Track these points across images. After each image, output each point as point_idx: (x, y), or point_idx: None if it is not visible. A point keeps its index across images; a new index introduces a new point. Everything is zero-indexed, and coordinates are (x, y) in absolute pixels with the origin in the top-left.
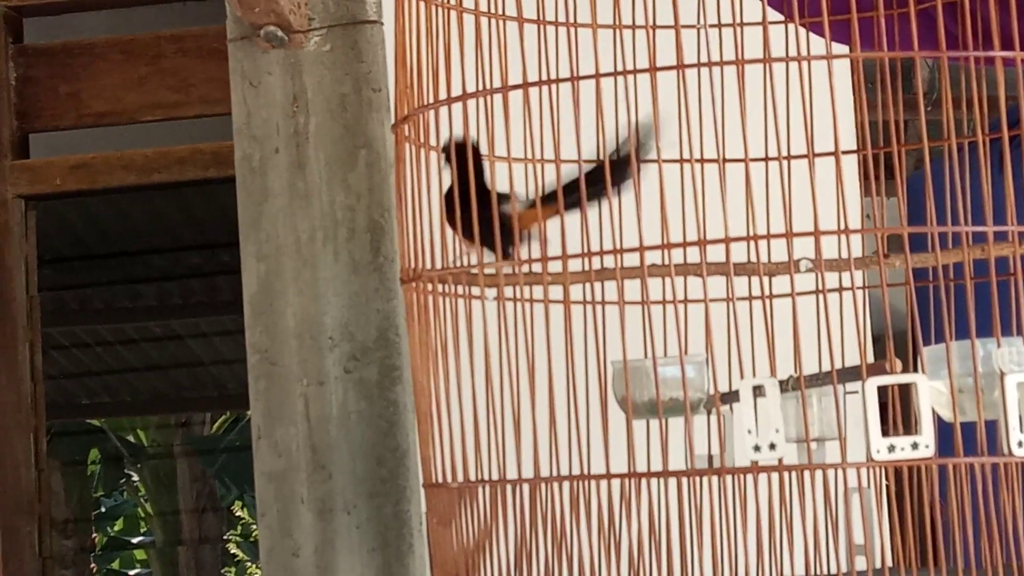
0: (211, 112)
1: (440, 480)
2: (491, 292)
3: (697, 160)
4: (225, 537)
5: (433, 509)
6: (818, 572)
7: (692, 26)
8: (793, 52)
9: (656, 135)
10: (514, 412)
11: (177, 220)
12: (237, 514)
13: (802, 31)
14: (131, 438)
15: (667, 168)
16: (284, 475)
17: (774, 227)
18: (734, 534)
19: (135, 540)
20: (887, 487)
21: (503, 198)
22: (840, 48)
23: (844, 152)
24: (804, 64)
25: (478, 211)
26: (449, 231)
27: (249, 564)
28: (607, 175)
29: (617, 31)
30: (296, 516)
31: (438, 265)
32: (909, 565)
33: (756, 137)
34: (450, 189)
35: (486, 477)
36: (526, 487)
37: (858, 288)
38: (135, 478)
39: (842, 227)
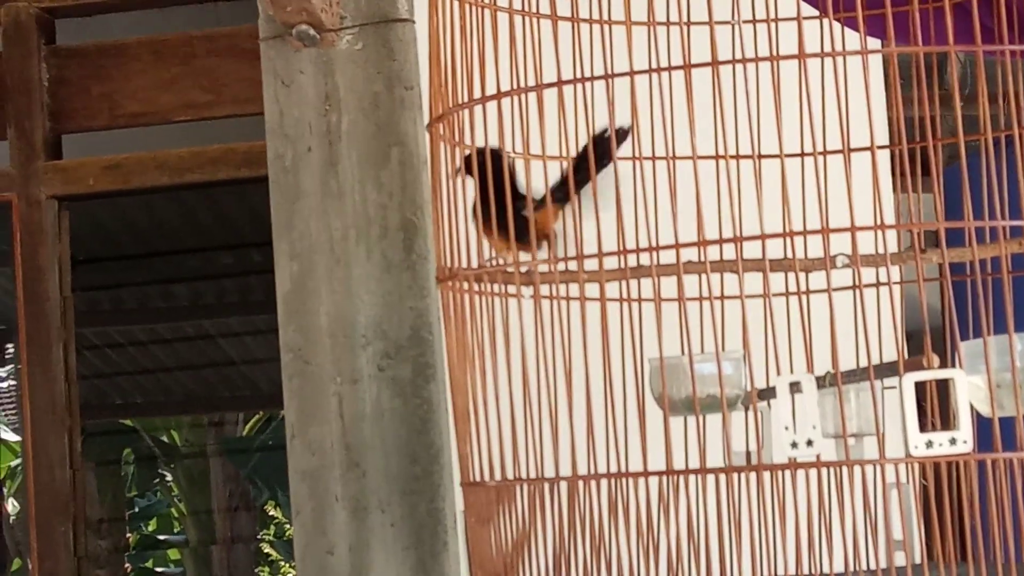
0: (243, 112)
1: (478, 479)
2: (527, 291)
3: (732, 156)
4: (258, 536)
5: (471, 508)
6: (857, 569)
7: (726, 22)
8: (827, 47)
9: (634, 133)
10: (551, 410)
11: (209, 220)
12: (271, 513)
13: (836, 26)
14: (164, 438)
15: (702, 164)
16: (318, 473)
17: (809, 223)
18: (772, 531)
19: (169, 539)
20: (923, 484)
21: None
22: (873, 42)
23: (879, 147)
24: (838, 60)
25: (509, 214)
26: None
27: (283, 563)
28: (590, 158)
29: (651, 28)
30: (330, 514)
31: (473, 264)
32: (948, 560)
33: (789, 133)
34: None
35: (523, 476)
36: (564, 485)
37: (894, 283)
38: (168, 478)
39: (877, 222)
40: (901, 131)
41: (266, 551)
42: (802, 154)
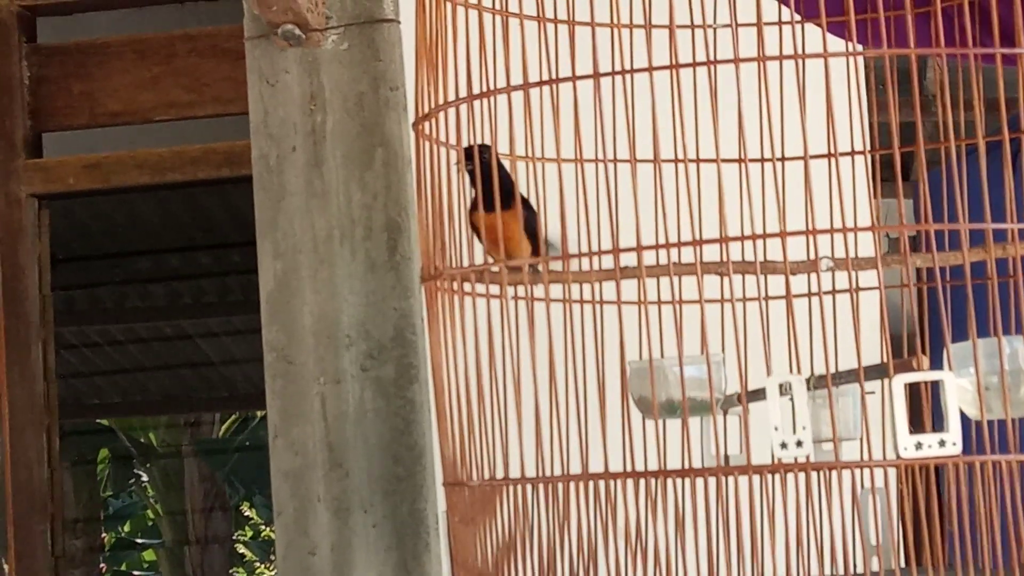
0: (224, 112)
1: (461, 479)
2: (511, 291)
3: (723, 160)
4: (234, 537)
5: (454, 508)
6: (834, 572)
7: (722, 25)
8: (814, 50)
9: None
10: (535, 410)
11: (188, 220)
12: (246, 514)
13: (817, 29)
14: (141, 438)
15: (692, 166)
16: (301, 473)
17: (791, 227)
18: (758, 533)
19: (144, 541)
20: (900, 489)
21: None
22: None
23: (862, 152)
24: (821, 64)
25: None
26: (464, 231)
27: (258, 564)
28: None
29: (648, 29)
30: (313, 515)
31: (455, 264)
32: (936, 565)
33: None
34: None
35: (507, 476)
36: (549, 486)
37: (874, 288)
38: (144, 478)
39: (855, 226)
40: (893, 134)
41: (241, 552)
42: (781, 158)
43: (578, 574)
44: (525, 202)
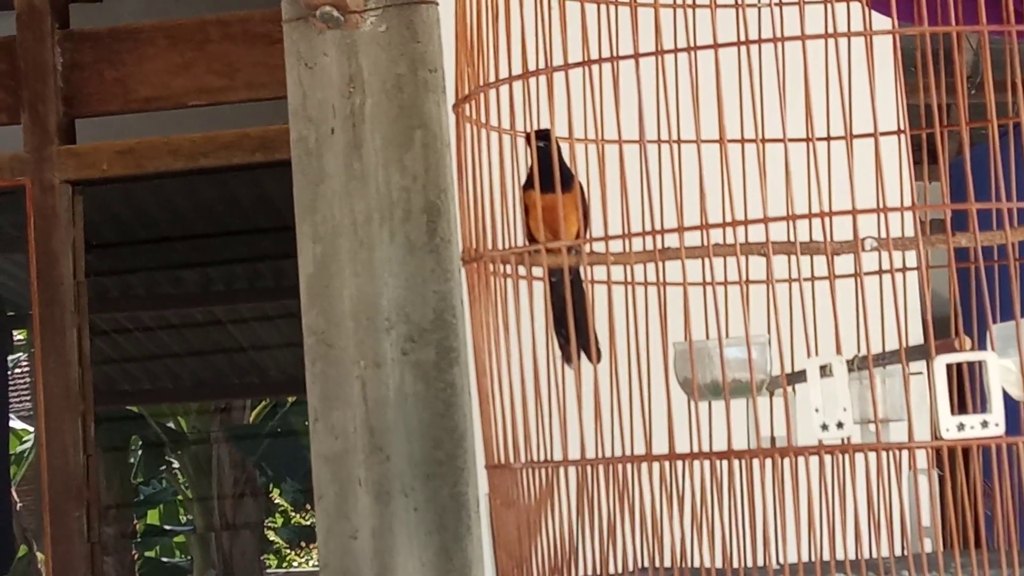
0: (257, 97)
1: (503, 461)
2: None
3: (763, 140)
4: (265, 524)
5: (496, 490)
6: (877, 554)
7: (753, 4)
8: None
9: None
10: (577, 392)
11: (220, 206)
12: (276, 501)
13: (856, 7)
14: (171, 424)
15: (733, 147)
16: (341, 457)
17: (834, 207)
18: (797, 514)
19: (175, 527)
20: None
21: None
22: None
23: (901, 131)
24: (861, 42)
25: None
26: (505, 212)
27: (287, 550)
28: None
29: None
30: (354, 498)
31: (497, 245)
32: (978, 546)
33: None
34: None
35: (548, 458)
36: (592, 467)
37: (912, 269)
38: (175, 464)
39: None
40: (940, 115)
41: (271, 539)
42: (827, 138)
43: (640, 553)
44: (573, 178)
